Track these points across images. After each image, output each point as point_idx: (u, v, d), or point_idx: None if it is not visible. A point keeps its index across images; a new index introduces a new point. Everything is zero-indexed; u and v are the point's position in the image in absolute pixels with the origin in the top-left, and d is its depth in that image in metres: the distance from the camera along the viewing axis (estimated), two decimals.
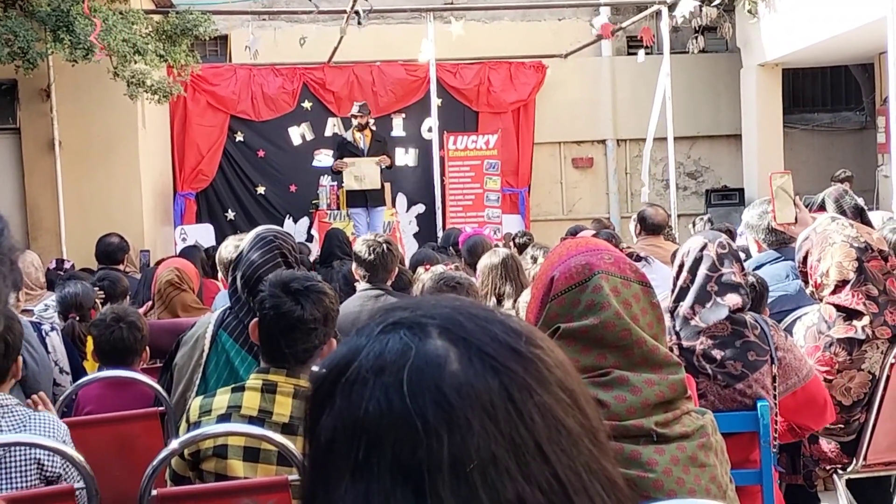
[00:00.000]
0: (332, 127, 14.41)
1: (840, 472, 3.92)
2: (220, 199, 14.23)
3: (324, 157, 14.30)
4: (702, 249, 3.29)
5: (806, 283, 3.90)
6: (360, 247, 5.07)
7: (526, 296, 4.27)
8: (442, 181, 13.06)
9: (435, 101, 12.53)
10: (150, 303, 5.83)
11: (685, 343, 3.22)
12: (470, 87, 14.61)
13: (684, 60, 14.22)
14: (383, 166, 12.29)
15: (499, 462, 0.87)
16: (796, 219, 3.96)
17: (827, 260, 3.73)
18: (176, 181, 13.89)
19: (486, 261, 5.34)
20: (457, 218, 13.55)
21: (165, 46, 10.32)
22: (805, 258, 3.83)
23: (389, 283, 5.12)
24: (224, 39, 14.62)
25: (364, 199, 12.26)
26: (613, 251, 2.23)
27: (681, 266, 3.34)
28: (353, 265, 5.13)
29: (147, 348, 4.40)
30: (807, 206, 4.97)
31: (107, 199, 11.28)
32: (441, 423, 0.87)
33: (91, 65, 9.39)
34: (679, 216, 12.36)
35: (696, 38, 13.41)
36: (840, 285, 3.72)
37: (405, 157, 14.49)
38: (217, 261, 5.54)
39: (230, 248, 5.09)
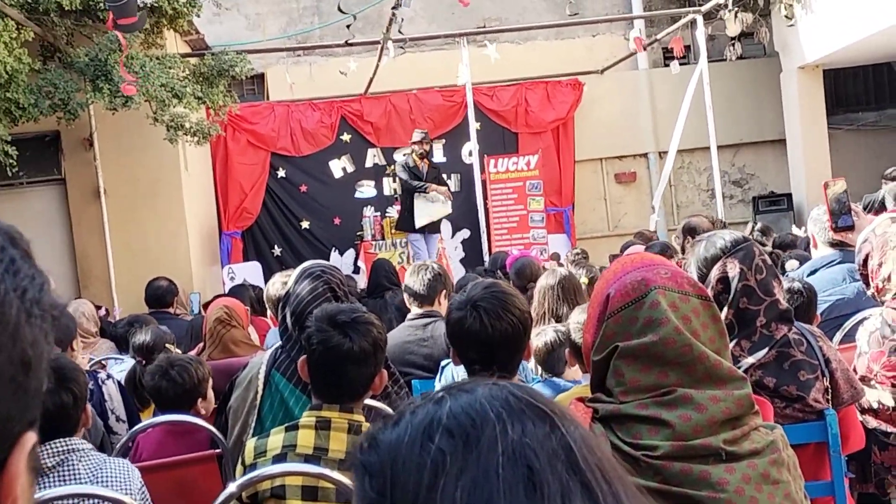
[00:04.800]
0: (373, 157, 14.45)
1: None
2: (265, 236, 14.31)
3: (366, 188, 14.37)
4: (741, 280, 3.04)
5: (867, 285, 3.78)
6: (408, 274, 5.08)
7: (577, 316, 4.17)
8: (485, 205, 13.01)
9: (473, 125, 12.52)
10: (200, 344, 5.81)
11: None
12: (508, 109, 14.57)
13: (722, 68, 14.10)
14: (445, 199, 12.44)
15: None
16: (854, 226, 3.84)
17: (889, 264, 3.61)
18: (221, 221, 13.99)
19: (542, 282, 5.27)
20: (502, 241, 13.49)
21: (203, 88, 10.40)
22: (865, 261, 3.72)
23: (438, 306, 5.07)
24: (261, 78, 14.74)
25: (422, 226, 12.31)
26: (670, 265, 2.16)
27: (719, 294, 3.05)
28: (405, 294, 5.12)
29: (208, 393, 4.38)
30: (866, 206, 4.85)
31: (154, 243, 11.38)
32: None
33: (131, 111, 9.49)
34: (727, 225, 12.17)
35: (734, 44, 13.28)
36: None
37: (447, 183, 14.49)
38: (265, 298, 5.52)
39: (277, 285, 5.08)
